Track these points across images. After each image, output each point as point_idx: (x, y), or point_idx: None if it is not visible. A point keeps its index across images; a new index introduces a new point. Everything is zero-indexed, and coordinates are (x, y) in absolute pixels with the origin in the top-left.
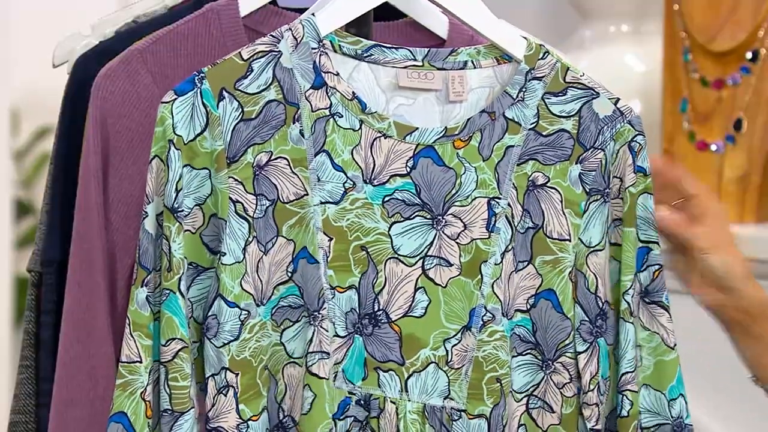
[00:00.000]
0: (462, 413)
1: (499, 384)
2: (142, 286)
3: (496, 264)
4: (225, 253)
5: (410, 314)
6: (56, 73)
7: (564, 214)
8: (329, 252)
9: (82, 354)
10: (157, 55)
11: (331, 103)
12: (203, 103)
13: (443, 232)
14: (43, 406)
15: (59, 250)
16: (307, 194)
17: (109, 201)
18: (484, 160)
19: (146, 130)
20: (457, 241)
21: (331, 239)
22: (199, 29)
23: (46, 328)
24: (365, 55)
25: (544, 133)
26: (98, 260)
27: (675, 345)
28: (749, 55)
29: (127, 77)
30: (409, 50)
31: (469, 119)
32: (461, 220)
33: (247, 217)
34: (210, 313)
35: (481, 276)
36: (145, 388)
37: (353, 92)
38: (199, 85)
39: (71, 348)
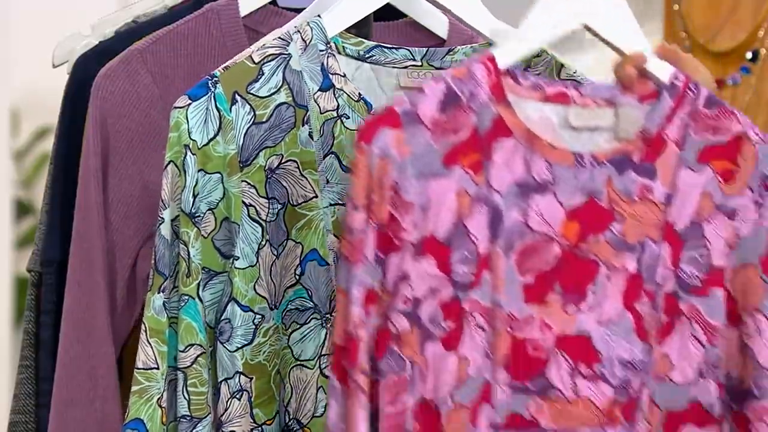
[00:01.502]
0: None
1: None
2: (158, 292)
3: None
4: (238, 257)
5: None
6: (56, 73)
7: None
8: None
9: (81, 354)
10: (157, 55)
11: (338, 105)
12: (216, 107)
13: None
14: (43, 406)
15: (59, 250)
16: (317, 197)
17: (109, 201)
18: None
19: (146, 130)
20: None
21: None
22: (199, 29)
23: (46, 328)
24: (367, 56)
25: None
26: (98, 260)
27: None
28: (749, 55)
29: (127, 77)
30: (408, 50)
31: None
32: None
33: (260, 220)
34: (223, 317)
35: None
36: (162, 395)
37: (359, 93)
38: (212, 89)
39: (71, 348)
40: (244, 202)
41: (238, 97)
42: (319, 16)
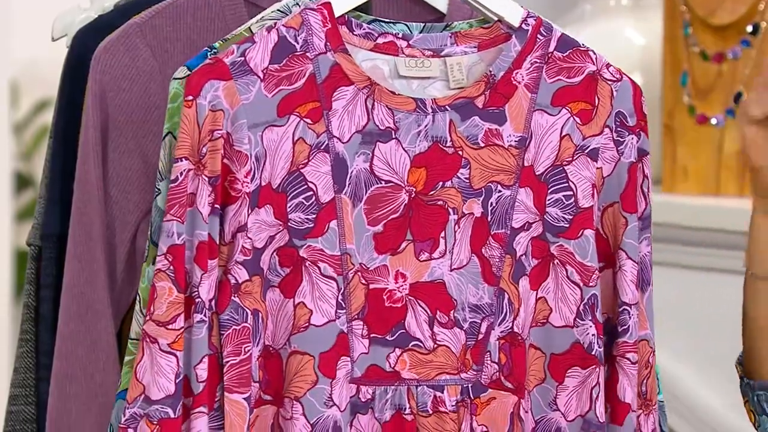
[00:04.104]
0: None
1: None
2: (153, 264)
3: None
4: None
5: None
6: (56, 45)
7: None
8: None
9: (81, 328)
10: (156, 29)
11: None
12: None
13: None
14: (43, 379)
15: (59, 224)
16: None
17: (109, 175)
18: None
19: (145, 104)
20: None
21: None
22: (199, 2)
23: (46, 302)
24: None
25: None
26: (98, 234)
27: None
28: (750, 28)
29: (126, 51)
30: (406, 25)
31: None
32: None
33: None
34: None
35: None
36: None
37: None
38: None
39: (71, 322)
40: None
41: None
42: None
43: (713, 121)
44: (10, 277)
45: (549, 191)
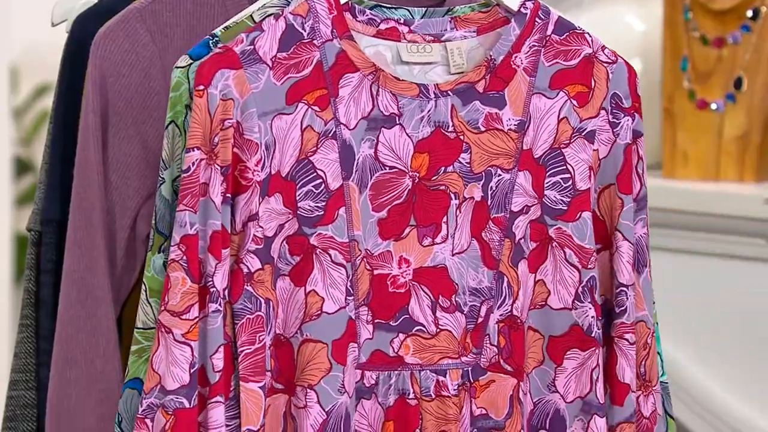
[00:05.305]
0: None
1: None
2: (159, 252)
3: None
4: None
5: None
6: (56, 30)
7: None
8: None
9: (81, 313)
10: (156, 14)
11: None
12: None
13: None
14: (44, 364)
15: (59, 209)
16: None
17: (109, 160)
18: None
19: (145, 90)
20: None
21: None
22: None
23: (46, 287)
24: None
25: None
26: (98, 219)
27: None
28: (750, 13)
29: (126, 37)
30: (408, 10)
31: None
32: None
33: None
34: None
35: None
36: None
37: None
38: (213, 49)
39: (71, 307)
40: None
41: None
42: None
43: (713, 106)
44: (10, 263)
45: (547, 174)
